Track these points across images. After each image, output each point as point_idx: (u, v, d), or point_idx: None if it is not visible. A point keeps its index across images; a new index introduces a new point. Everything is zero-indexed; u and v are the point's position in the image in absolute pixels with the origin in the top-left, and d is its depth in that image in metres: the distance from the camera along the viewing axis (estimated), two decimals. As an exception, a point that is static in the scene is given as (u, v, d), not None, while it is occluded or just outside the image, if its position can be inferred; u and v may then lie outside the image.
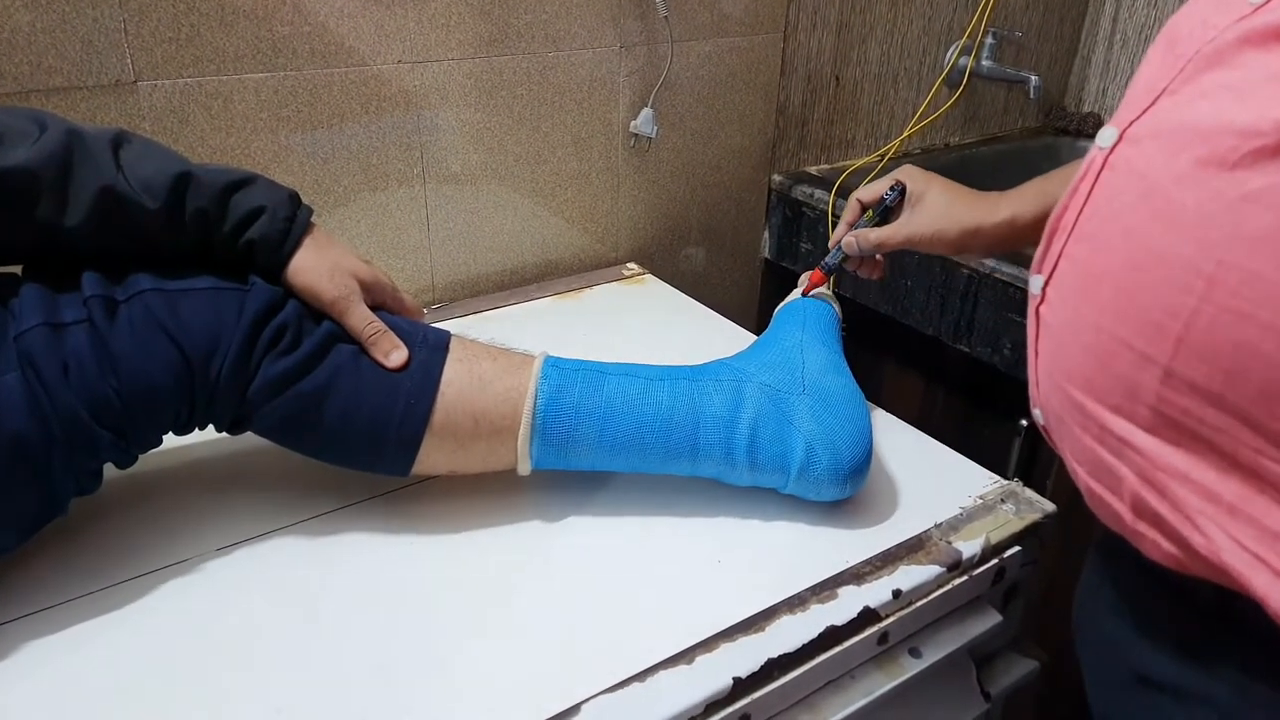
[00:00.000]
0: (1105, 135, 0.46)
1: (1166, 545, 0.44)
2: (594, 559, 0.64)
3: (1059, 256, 0.47)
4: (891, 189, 0.75)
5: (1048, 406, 0.50)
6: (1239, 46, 0.40)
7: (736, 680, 0.54)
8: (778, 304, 0.85)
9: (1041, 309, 0.49)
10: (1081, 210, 0.46)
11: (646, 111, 1.08)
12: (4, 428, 0.51)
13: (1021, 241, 0.68)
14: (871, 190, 0.77)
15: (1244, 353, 0.38)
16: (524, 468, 0.65)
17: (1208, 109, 0.40)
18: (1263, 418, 0.38)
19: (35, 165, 0.53)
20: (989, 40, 1.33)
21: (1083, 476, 0.48)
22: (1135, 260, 0.42)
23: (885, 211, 0.75)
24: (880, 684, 0.61)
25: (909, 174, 0.74)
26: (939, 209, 0.71)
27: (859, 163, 1.29)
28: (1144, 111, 0.44)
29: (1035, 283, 0.50)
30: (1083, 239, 0.46)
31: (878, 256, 0.79)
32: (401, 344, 0.62)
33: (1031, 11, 1.42)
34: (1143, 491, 0.44)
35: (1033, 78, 1.27)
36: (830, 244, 0.79)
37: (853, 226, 0.77)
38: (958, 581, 0.64)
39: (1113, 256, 0.43)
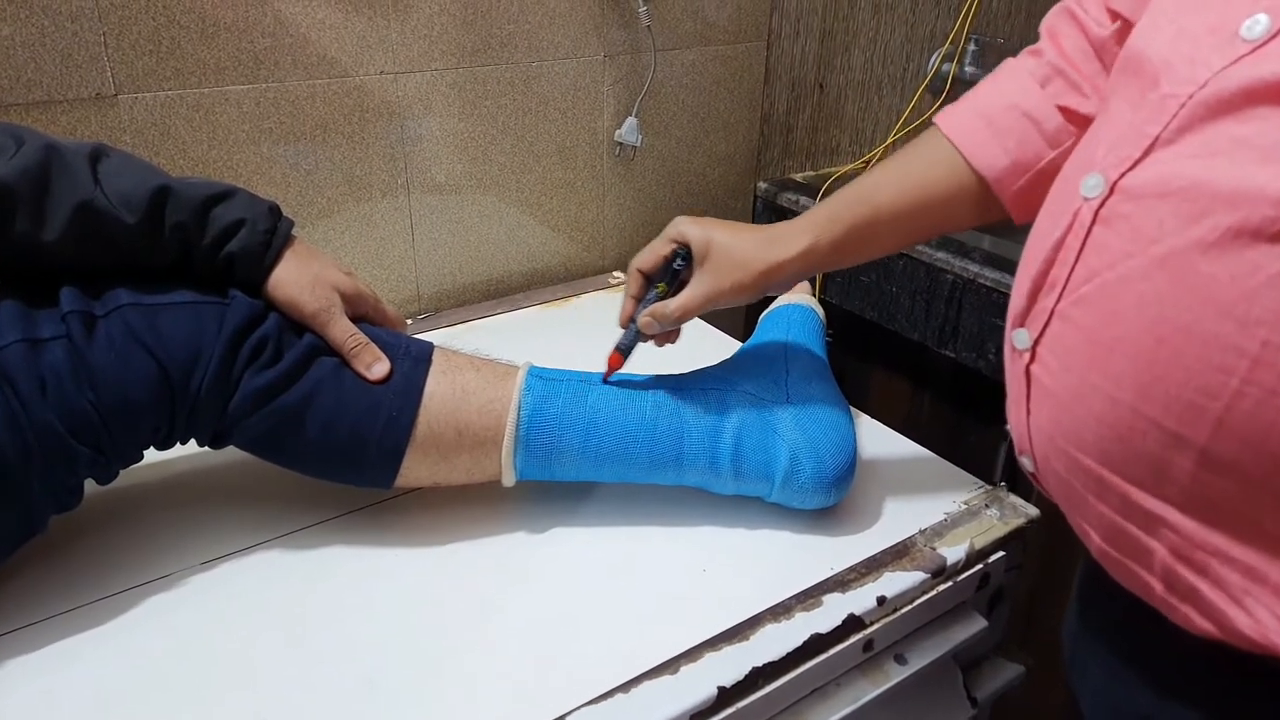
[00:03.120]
0: (1091, 184, 0.43)
1: (1203, 622, 0.42)
2: (579, 570, 0.64)
3: (1050, 314, 0.45)
4: (678, 255, 0.67)
5: (1045, 465, 0.48)
6: (1247, 99, 0.37)
7: (721, 690, 0.54)
8: (763, 311, 0.86)
9: (1033, 368, 0.47)
10: (1073, 268, 0.44)
11: (631, 120, 1.08)
12: (-19, 445, 0.51)
13: (820, 269, 0.65)
14: (651, 258, 0.68)
15: None
16: (508, 479, 0.65)
17: (1227, 170, 0.37)
18: None
19: (12, 180, 0.53)
20: (971, 47, 1.34)
21: (1096, 540, 0.46)
22: (1158, 333, 0.39)
23: (673, 275, 0.67)
24: (866, 691, 0.61)
25: (686, 229, 0.66)
26: (732, 258, 0.64)
27: (844, 169, 1.30)
28: (1137, 163, 0.41)
29: (1020, 338, 0.47)
30: (1082, 302, 0.43)
31: None
32: (383, 356, 0.62)
33: (1014, 18, 1.42)
34: (1178, 568, 0.42)
35: (1015, 83, 1.28)
36: (621, 320, 0.70)
37: (639, 300, 0.69)
38: (942, 587, 0.64)
39: (1127, 327, 0.40)
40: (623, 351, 0.69)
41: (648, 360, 0.72)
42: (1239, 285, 0.36)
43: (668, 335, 0.70)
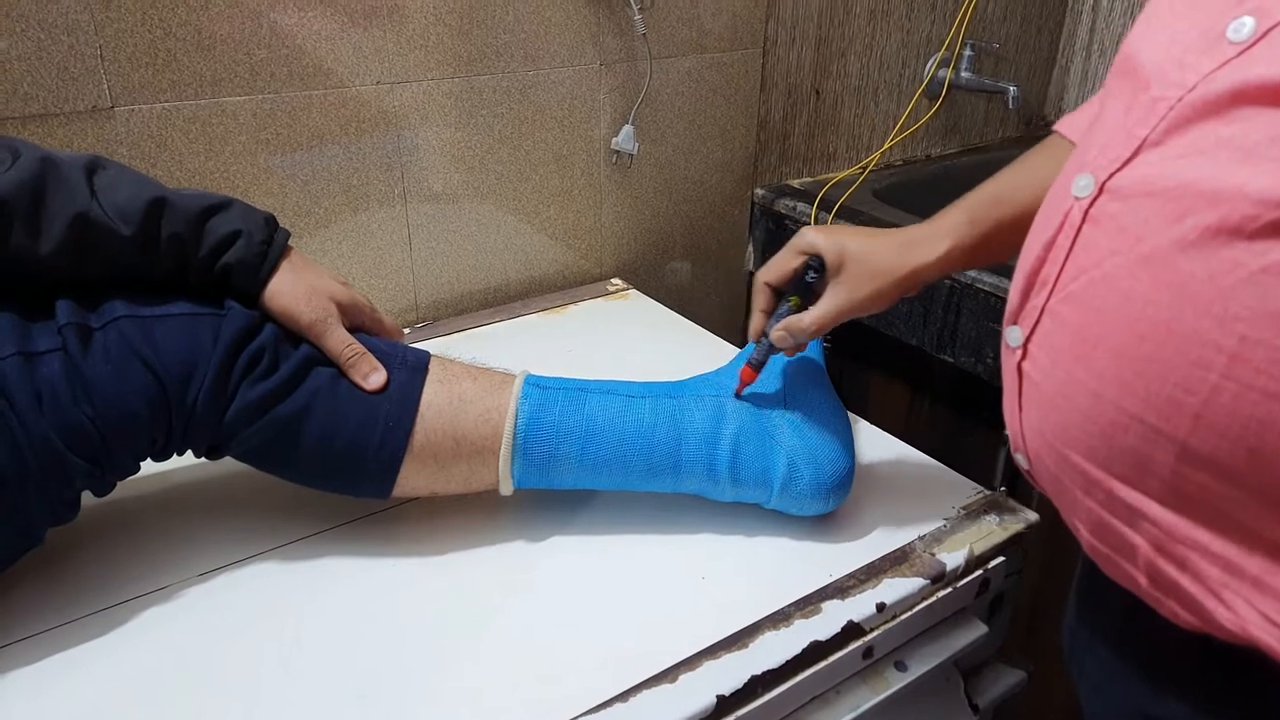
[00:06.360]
0: (1082, 184, 0.43)
1: (1187, 615, 0.42)
2: (577, 578, 0.64)
3: (1041, 312, 0.46)
4: (810, 266, 0.65)
5: (1038, 462, 0.48)
6: (1233, 100, 0.37)
7: (720, 698, 0.54)
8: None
9: (1024, 365, 0.47)
10: (1063, 266, 0.44)
11: (627, 128, 1.08)
12: (-23, 459, 0.51)
13: (952, 272, 0.64)
14: (780, 269, 0.66)
15: (1272, 432, 0.36)
16: (506, 488, 0.65)
17: (1209, 169, 0.38)
18: None
19: (7, 193, 0.53)
20: (967, 52, 1.35)
21: (1085, 534, 0.47)
22: (1139, 330, 0.40)
23: (806, 287, 0.66)
24: (866, 698, 0.61)
25: (816, 240, 0.65)
26: (868, 267, 0.62)
27: (841, 175, 1.30)
28: (1126, 163, 0.42)
29: (1014, 335, 0.48)
30: (1070, 299, 0.44)
31: None
32: (380, 366, 0.62)
33: (1009, 23, 1.43)
34: (1160, 562, 0.42)
35: (1011, 88, 1.28)
36: (751, 334, 0.69)
37: (769, 314, 0.68)
38: (942, 593, 0.64)
39: (1110, 324, 0.41)
40: (755, 367, 0.68)
41: (646, 366, 0.72)
42: (1217, 283, 0.37)
43: (798, 346, 0.69)
